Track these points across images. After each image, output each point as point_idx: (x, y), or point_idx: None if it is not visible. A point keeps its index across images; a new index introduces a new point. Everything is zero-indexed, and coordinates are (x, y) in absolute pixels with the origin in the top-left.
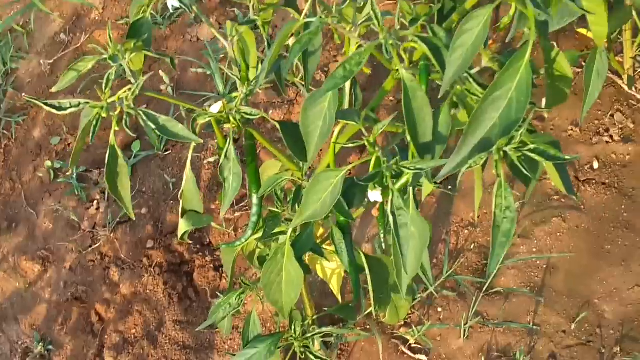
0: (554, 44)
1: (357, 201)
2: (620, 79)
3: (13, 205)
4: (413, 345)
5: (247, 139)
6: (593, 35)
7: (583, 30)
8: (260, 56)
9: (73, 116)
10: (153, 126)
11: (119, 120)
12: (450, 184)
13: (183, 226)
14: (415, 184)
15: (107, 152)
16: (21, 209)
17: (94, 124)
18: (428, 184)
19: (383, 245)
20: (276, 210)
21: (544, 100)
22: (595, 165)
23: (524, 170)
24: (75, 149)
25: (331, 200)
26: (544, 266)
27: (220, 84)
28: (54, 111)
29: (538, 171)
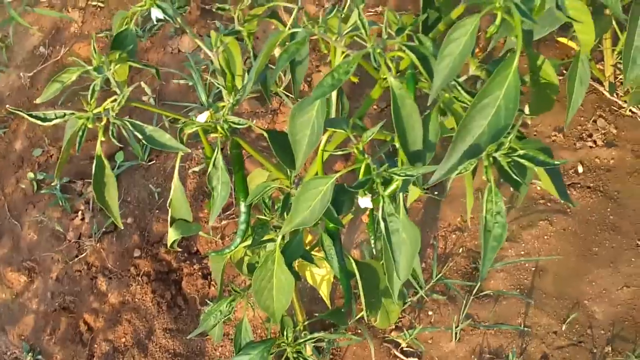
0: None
1: (346, 208)
2: (602, 85)
3: None
4: (405, 349)
5: (234, 148)
6: (580, 43)
7: (563, 39)
8: (244, 67)
9: (54, 128)
10: (140, 136)
11: (105, 131)
12: (437, 189)
13: (172, 235)
14: (404, 190)
15: (94, 163)
16: (5, 220)
17: (80, 135)
18: (414, 190)
19: (374, 250)
20: (264, 217)
21: (527, 107)
22: (580, 169)
23: (513, 175)
24: (61, 160)
25: (321, 207)
26: (533, 269)
27: (202, 94)
28: (39, 122)
29: (527, 176)
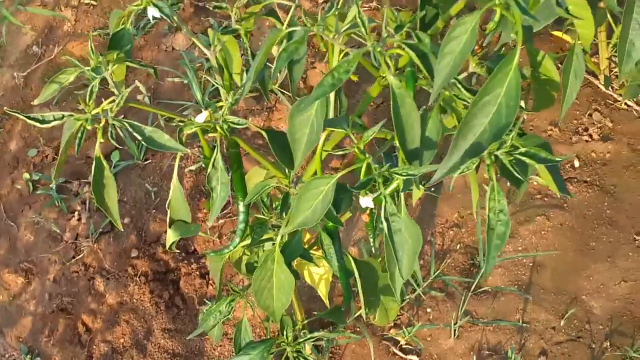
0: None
1: (345, 206)
2: (597, 79)
3: None
4: (404, 346)
5: (232, 147)
6: (580, 38)
7: (558, 33)
8: (242, 67)
9: (50, 128)
10: (139, 138)
11: (104, 132)
12: (434, 186)
13: (171, 236)
14: (407, 189)
15: (94, 165)
16: (1, 221)
17: (79, 137)
18: (417, 191)
19: (373, 249)
20: (263, 217)
21: (523, 102)
22: (576, 164)
23: (516, 174)
24: (59, 161)
25: (322, 207)
26: (530, 264)
27: (198, 92)
28: (37, 124)
29: (528, 173)
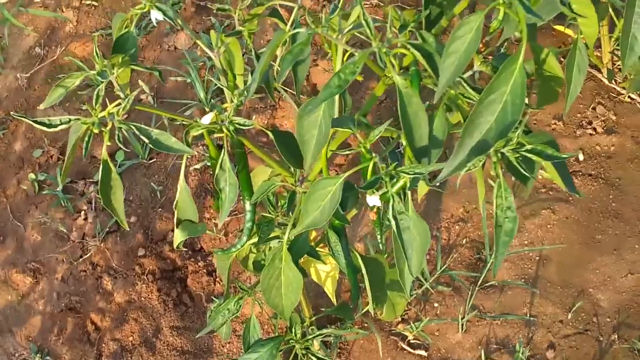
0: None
1: (351, 204)
2: (600, 72)
3: None
4: (412, 341)
5: (238, 147)
6: (584, 36)
7: (560, 27)
8: (246, 67)
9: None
10: (146, 140)
11: (110, 136)
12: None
13: (179, 236)
14: (414, 186)
15: (101, 167)
16: (7, 222)
17: (86, 140)
18: (423, 186)
19: (380, 245)
20: (269, 215)
21: (526, 99)
22: (581, 157)
23: (522, 171)
24: (66, 165)
25: (330, 207)
26: (537, 258)
27: (201, 91)
28: (44, 129)
29: (535, 170)
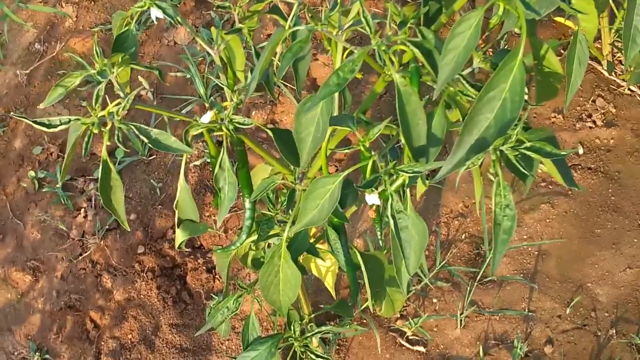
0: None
1: (350, 201)
2: (600, 65)
3: None
4: (410, 337)
5: (238, 145)
6: (584, 31)
7: (560, 19)
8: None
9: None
10: (146, 140)
11: (110, 136)
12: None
13: (180, 236)
14: (413, 182)
15: (100, 167)
16: (7, 220)
17: (86, 141)
18: (422, 184)
19: (380, 242)
20: (269, 213)
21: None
22: (580, 150)
23: (521, 169)
24: (65, 163)
25: (329, 206)
26: (536, 253)
27: (201, 87)
28: (44, 129)
29: (534, 167)
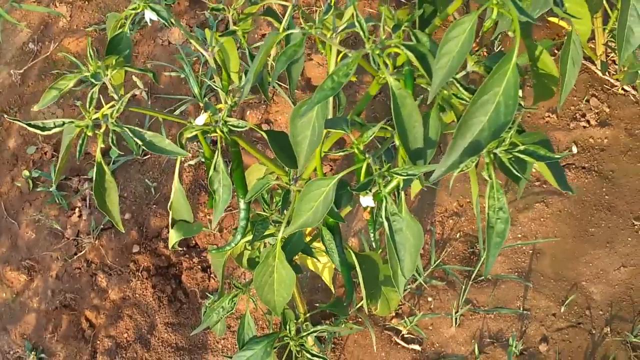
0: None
1: (345, 202)
2: (593, 64)
3: None
4: (406, 336)
5: (232, 146)
6: (579, 34)
7: (554, 19)
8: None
9: None
10: (140, 142)
11: (104, 138)
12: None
13: (174, 236)
14: (406, 186)
15: (95, 169)
16: (1, 219)
17: (80, 143)
18: (416, 184)
19: (373, 244)
20: (264, 213)
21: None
22: (574, 150)
23: (515, 172)
24: (59, 166)
25: (323, 208)
26: (530, 251)
27: (195, 87)
28: (38, 132)
29: (528, 170)
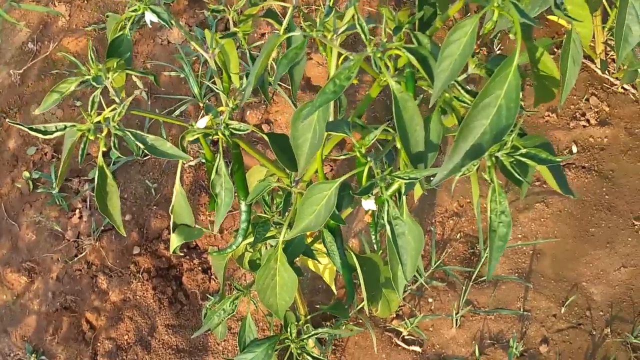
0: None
1: (346, 204)
2: (593, 63)
3: None
4: (406, 337)
5: (234, 148)
6: (581, 37)
7: (554, 18)
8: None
9: None
10: (142, 146)
11: (106, 142)
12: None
13: (175, 240)
14: (408, 190)
15: (96, 174)
16: (2, 221)
17: (82, 147)
18: (418, 188)
19: (375, 246)
20: (265, 215)
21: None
22: (574, 149)
23: (517, 175)
24: (62, 170)
25: (326, 211)
26: (530, 252)
27: (195, 87)
28: (40, 135)
29: (529, 173)
